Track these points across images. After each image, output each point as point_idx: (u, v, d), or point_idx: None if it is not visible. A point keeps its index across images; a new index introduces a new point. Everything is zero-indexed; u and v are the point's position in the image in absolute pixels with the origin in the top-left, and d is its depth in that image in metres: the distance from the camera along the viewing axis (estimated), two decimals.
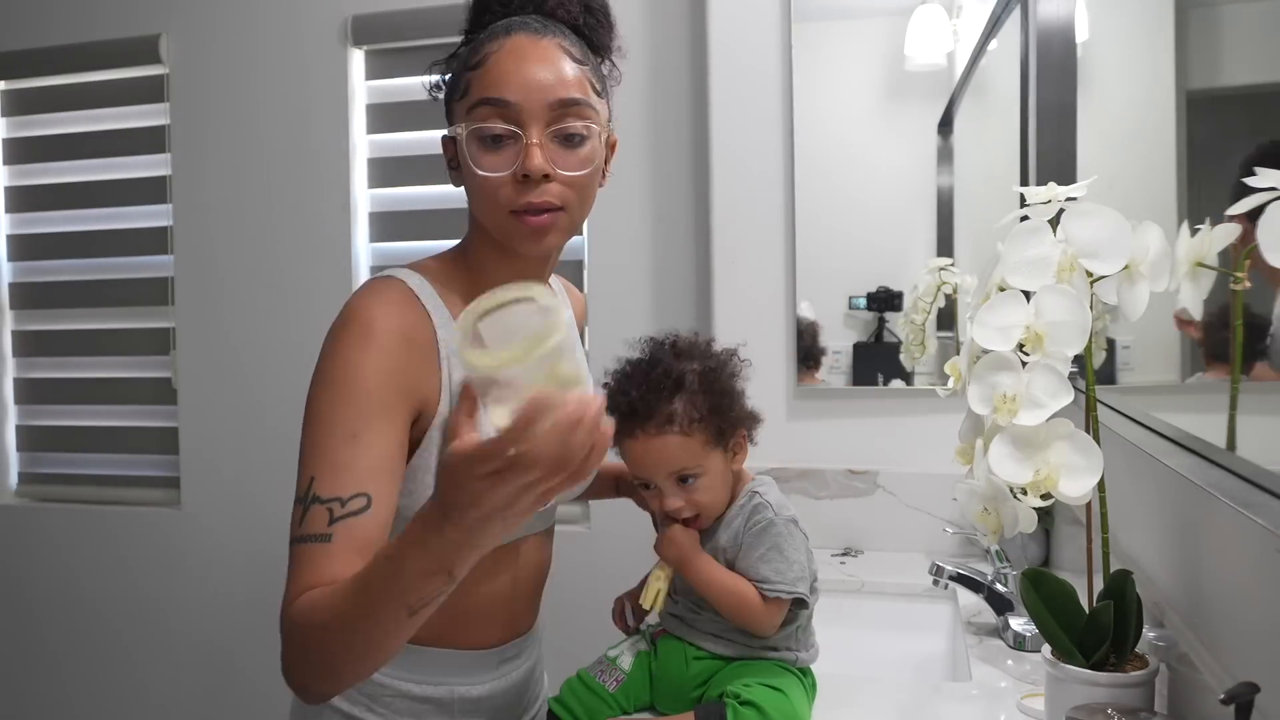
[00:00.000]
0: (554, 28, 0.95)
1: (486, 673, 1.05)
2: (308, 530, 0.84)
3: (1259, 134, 0.91)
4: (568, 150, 0.92)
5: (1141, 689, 0.86)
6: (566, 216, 0.94)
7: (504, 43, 0.93)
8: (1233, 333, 0.79)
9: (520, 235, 0.93)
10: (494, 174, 0.92)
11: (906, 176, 1.92)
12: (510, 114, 0.91)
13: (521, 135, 0.91)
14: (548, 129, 0.92)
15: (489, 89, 0.91)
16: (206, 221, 2.43)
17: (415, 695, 1.01)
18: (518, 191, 0.91)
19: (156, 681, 2.54)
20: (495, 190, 0.92)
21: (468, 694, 1.03)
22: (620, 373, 1.06)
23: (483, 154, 0.92)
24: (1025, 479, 0.84)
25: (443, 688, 1.02)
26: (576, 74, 0.93)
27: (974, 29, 1.88)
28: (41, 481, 2.64)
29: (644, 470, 1.04)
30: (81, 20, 2.49)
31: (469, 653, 1.03)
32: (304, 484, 0.85)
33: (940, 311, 1.89)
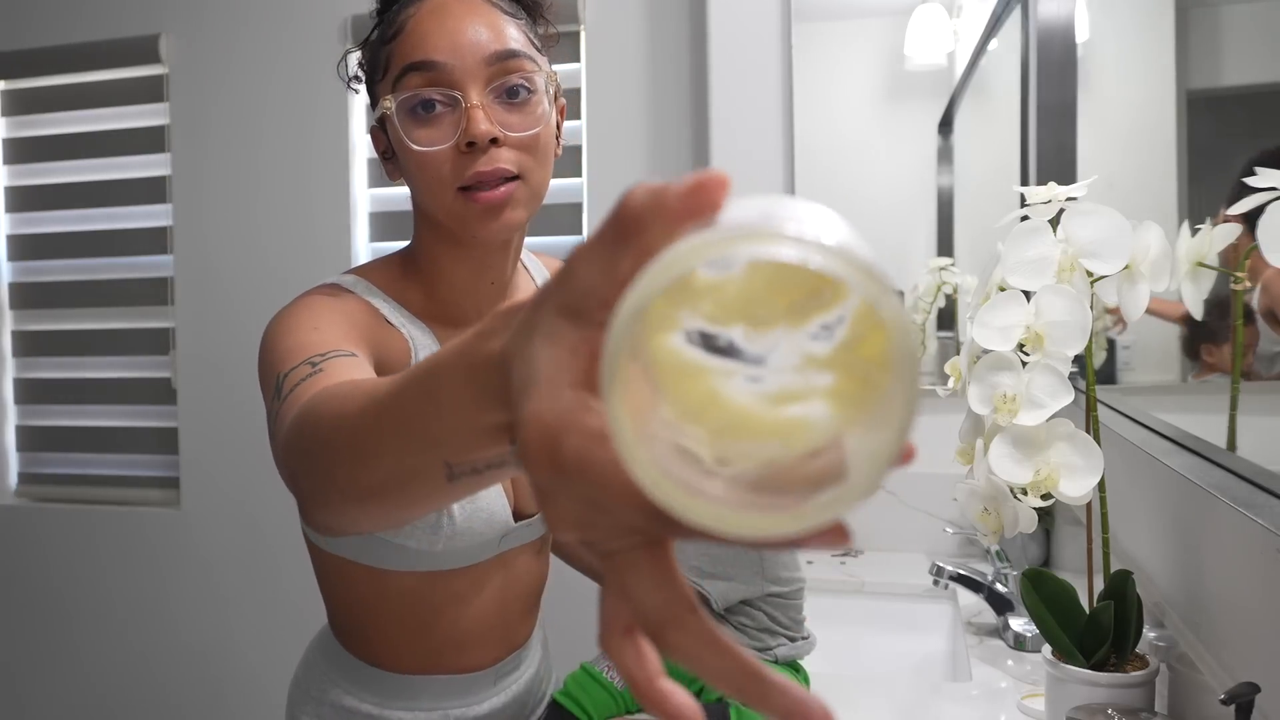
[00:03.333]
0: None
1: (484, 692, 0.98)
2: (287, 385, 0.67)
3: (1259, 134, 0.91)
4: (514, 109, 0.80)
5: (1141, 689, 0.86)
6: (524, 186, 0.81)
7: (422, 4, 0.80)
8: (1233, 333, 0.79)
9: (474, 216, 0.79)
10: (432, 148, 0.78)
11: (906, 176, 1.92)
12: (442, 77, 0.78)
13: (460, 99, 0.78)
14: (487, 88, 0.79)
15: (414, 53, 0.78)
16: (206, 221, 2.43)
17: None
18: (463, 164, 0.78)
19: (156, 681, 2.54)
20: (437, 167, 0.79)
21: (465, 715, 0.96)
22: None
23: (416, 128, 0.79)
24: (1025, 479, 0.84)
25: (437, 712, 0.95)
26: (512, 26, 0.82)
27: (974, 29, 1.88)
28: (41, 481, 2.64)
29: None
30: (81, 20, 2.49)
31: (465, 676, 0.96)
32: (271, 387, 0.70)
33: (940, 311, 1.89)
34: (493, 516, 0.87)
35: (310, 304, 0.81)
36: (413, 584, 0.88)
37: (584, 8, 2.12)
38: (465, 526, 0.84)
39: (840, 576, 1.69)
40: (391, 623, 0.91)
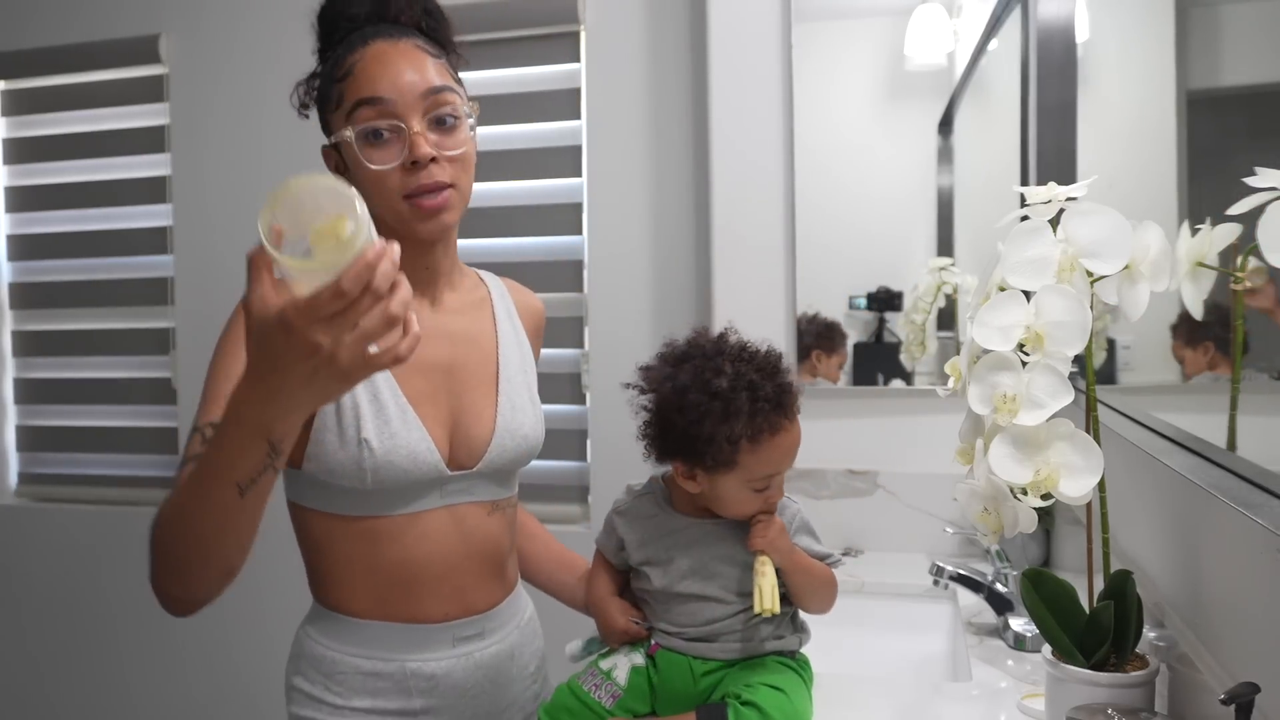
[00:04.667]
0: (404, 31, 1.04)
1: (440, 650, 1.06)
2: (188, 453, 0.94)
3: (1259, 134, 0.91)
4: (444, 133, 1.02)
5: (1141, 689, 0.86)
6: (456, 192, 1.02)
7: (365, 51, 1.01)
8: (1233, 332, 0.79)
9: (419, 217, 1.01)
10: (384, 166, 0.99)
11: (906, 176, 1.92)
12: (388, 109, 0.99)
13: (403, 127, 0.99)
14: (424, 117, 1.00)
15: (363, 91, 1.00)
16: (206, 221, 2.43)
17: (366, 670, 1.05)
18: (409, 179, 0.99)
19: (156, 681, 2.54)
20: (388, 182, 0.99)
21: (421, 669, 1.05)
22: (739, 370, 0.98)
23: (371, 150, 1.00)
24: (1025, 479, 0.84)
25: (394, 663, 1.05)
26: (436, 65, 1.03)
27: (974, 29, 1.88)
28: (41, 481, 2.64)
29: (785, 462, 1.01)
30: (81, 20, 2.49)
31: (416, 626, 1.05)
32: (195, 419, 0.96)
33: (940, 311, 1.89)
34: (414, 454, 1.01)
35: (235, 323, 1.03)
36: (362, 527, 1.03)
37: (584, 8, 2.12)
38: (385, 460, 1.00)
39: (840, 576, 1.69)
40: (343, 563, 1.05)
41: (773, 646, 1.05)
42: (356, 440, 0.99)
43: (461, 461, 1.06)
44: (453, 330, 1.09)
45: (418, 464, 1.02)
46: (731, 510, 1.03)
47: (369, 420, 1.00)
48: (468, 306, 1.13)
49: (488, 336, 1.14)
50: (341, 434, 1.00)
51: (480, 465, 1.07)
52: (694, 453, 0.99)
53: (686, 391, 0.98)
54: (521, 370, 1.15)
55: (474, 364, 1.10)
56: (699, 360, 1.00)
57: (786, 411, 0.99)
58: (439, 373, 1.07)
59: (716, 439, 0.96)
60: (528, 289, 1.25)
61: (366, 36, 1.02)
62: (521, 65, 2.20)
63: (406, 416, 1.02)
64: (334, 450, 1.00)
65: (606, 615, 1.09)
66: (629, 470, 1.28)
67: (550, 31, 2.17)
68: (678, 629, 1.05)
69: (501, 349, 1.14)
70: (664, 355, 1.03)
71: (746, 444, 0.97)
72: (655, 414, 1.02)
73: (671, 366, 1.01)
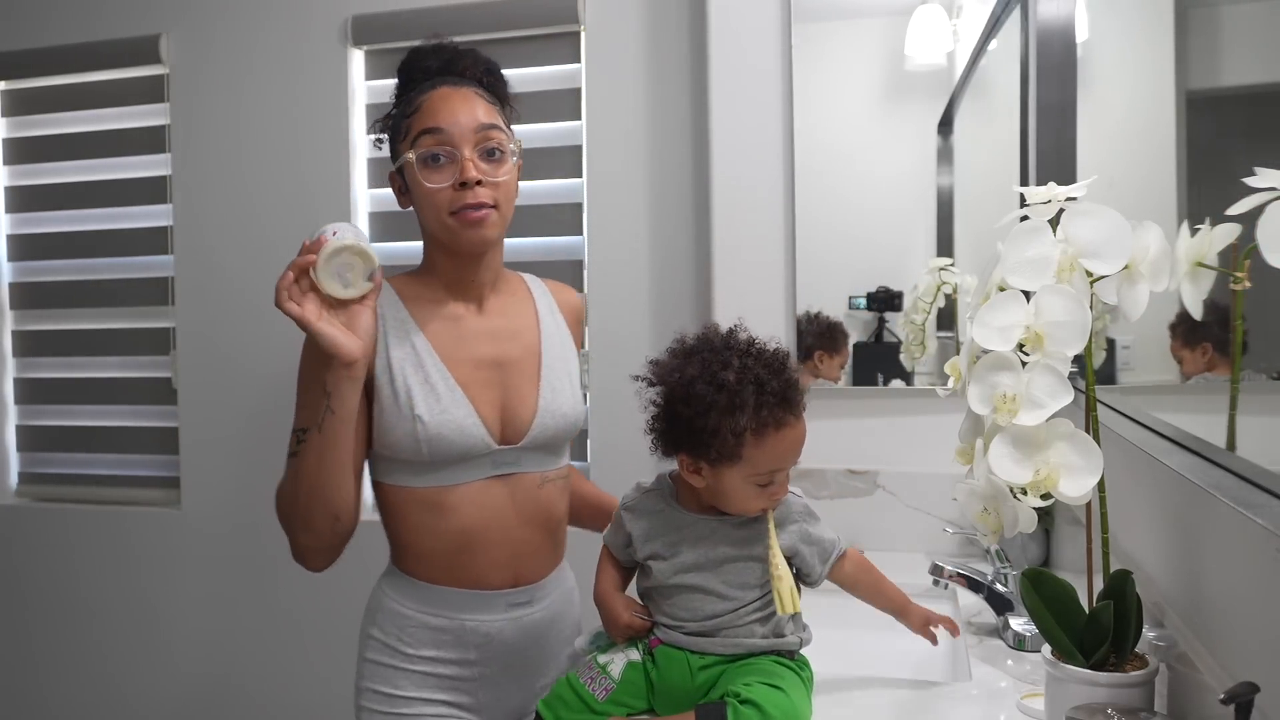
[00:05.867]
0: (467, 81, 1.25)
1: (496, 613, 1.24)
2: (289, 450, 1.21)
3: (1259, 134, 0.91)
4: (491, 163, 1.21)
5: (1141, 689, 0.86)
6: (497, 213, 1.22)
7: (432, 93, 1.23)
8: (1233, 332, 0.79)
9: (463, 229, 1.20)
10: (439, 186, 1.19)
11: (906, 176, 1.92)
12: (445, 138, 1.19)
13: (457, 154, 1.19)
14: (475, 148, 1.20)
15: (426, 122, 1.20)
16: (206, 221, 2.43)
17: (433, 626, 1.24)
18: (458, 197, 1.19)
19: (156, 681, 2.54)
20: (440, 198, 1.19)
21: (478, 628, 1.24)
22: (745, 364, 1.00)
23: (429, 173, 1.20)
24: (1025, 479, 0.84)
25: (455, 621, 1.24)
26: (487, 108, 1.24)
27: (974, 29, 1.88)
28: (41, 481, 2.64)
29: (789, 458, 1.02)
30: (82, 20, 2.49)
31: (475, 592, 1.24)
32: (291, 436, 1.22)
33: (940, 311, 1.89)
34: (462, 427, 1.19)
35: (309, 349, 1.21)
36: (427, 496, 1.23)
37: (584, 8, 2.12)
38: (436, 432, 1.19)
39: None
40: (412, 531, 1.25)
41: (773, 644, 1.05)
42: (411, 416, 1.18)
43: (510, 438, 1.24)
44: (497, 330, 1.28)
45: (465, 436, 1.20)
46: (735, 505, 1.04)
47: (420, 399, 1.19)
48: (511, 307, 1.31)
49: (531, 330, 1.31)
50: (399, 412, 1.19)
51: (525, 440, 1.24)
52: (699, 445, 1.00)
53: (694, 383, 0.99)
54: (562, 358, 1.31)
55: (519, 356, 1.27)
56: (707, 354, 1.01)
57: (792, 407, 1.01)
58: (488, 367, 1.25)
59: (721, 431, 0.98)
60: (566, 285, 1.42)
61: (435, 83, 1.23)
62: (521, 65, 2.20)
63: (455, 395, 1.20)
64: (393, 427, 1.19)
65: (612, 610, 1.11)
66: (629, 469, 1.28)
67: (550, 31, 2.17)
68: (678, 622, 1.06)
69: (544, 340, 1.30)
70: (673, 349, 1.05)
71: (751, 437, 0.98)
72: (663, 406, 1.04)
73: (680, 360, 1.03)
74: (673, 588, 1.06)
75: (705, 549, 1.05)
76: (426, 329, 1.24)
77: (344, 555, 2.51)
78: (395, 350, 1.21)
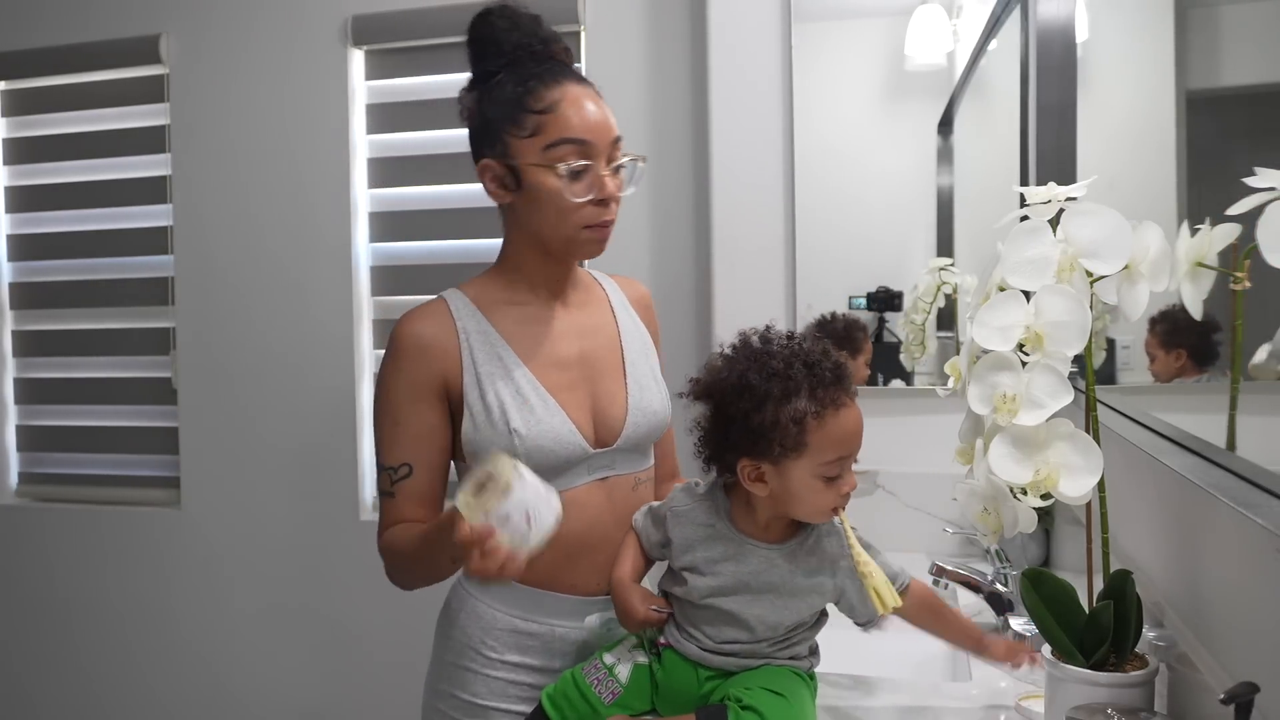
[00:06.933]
0: (586, 82, 1.19)
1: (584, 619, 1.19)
2: (380, 489, 1.20)
3: (1259, 134, 0.91)
4: (617, 178, 1.18)
5: (1141, 689, 0.86)
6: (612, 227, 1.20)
7: (562, 90, 1.15)
8: (1233, 332, 0.79)
9: (589, 244, 1.18)
10: (578, 199, 1.14)
11: (906, 176, 1.93)
12: (589, 152, 1.14)
13: (594, 168, 1.15)
14: (608, 163, 1.16)
15: (567, 131, 1.13)
16: (206, 221, 2.43)
17: (521, 630, 1.19)
18: (595, 213, 1.15)
19: (156, 681, 2.54)
20: (575, 211, 1.14)
21: (567, 635, 1.19)
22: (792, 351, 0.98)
23: (570, 184, 1.13)
24: (1025, 479, 0.84)
25: (545, 626, 1.19)
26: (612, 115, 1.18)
27: (974, 29, 1.88)
28: (41, 481, 2.64)
29: (852, 443, 0.97)
30: (82, 20, 2.49)
31: (572, 598, 1.19)
32: (377, 458, 1.21)
33: (940, 311, 1.89)
34: (558, 436, 1.15)
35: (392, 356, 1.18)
36: None
37: (584, 8, 2.12)
38: (535, 445, 1.14)
39: None
40: None
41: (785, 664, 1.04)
42: (507, 432, 1.14)
43: (604, 440, 1.20)
44: (581, 325, 1.24)
45: (562, 444, 1.16)
46: (806, 507, 0.99)
47: (514, 413, 1.15)
48: (589, 304, 1.28)
49: (609, 327, 1.27)
50: (493, 429, 1.15)
51: (620, 441, 1.20)
52: (760, 443, 0.96)
53: (745, 376, 0.97)
54: (643, 354, 1.28)
55: (602, 353, 1.24)
56: (750, 354, 0.99)
57: (846, 388, 0.97)
58: (574, 365, 1.21)
59: (782, 421, 0.94)
60: (633, 280, 1.38)
61: (556, 75, 1.16)
62: None
63: (548, 405, 1.17)
64: (489, 442, 1.15)
65: (628, 601, 1.08)
66: None
67: None
68: (695, 637, 1.04)
69: (623, 337, 1.27)
70: (711, 363, 1.02)
71: (813, 421, 0.94)
72: (714, 414, 1.00)
73: (724, 365, 1.00)
74: (703, 607, 1.03)
75: (746, 577, 1.01)
76: (510, 338, 1.19)
77: (344, 556, 2.51)
78: (483, 366, 1.17)
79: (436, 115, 2.26)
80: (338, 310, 2.33)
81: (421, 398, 1.17)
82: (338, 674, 2.39)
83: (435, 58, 2.25)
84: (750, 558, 1.02)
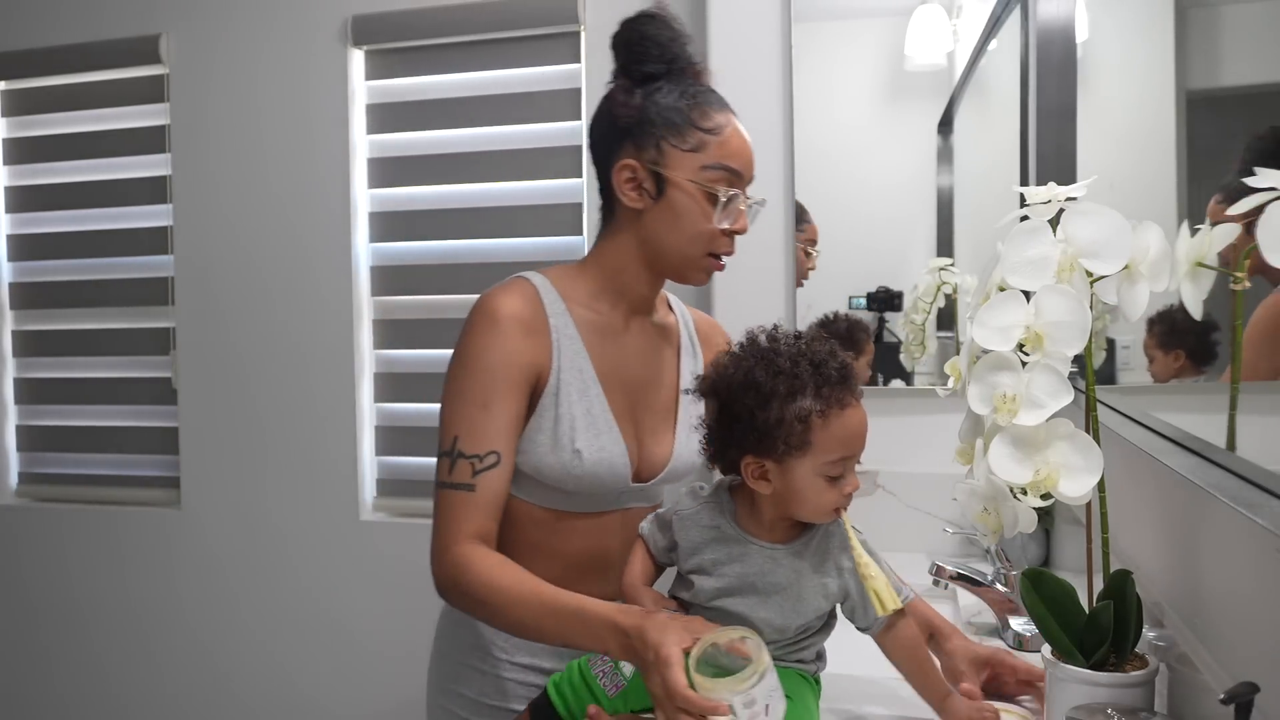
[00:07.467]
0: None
1: None
2: (457, 479, 1.08)
3: (1259, 134, 0.91)
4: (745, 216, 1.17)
5: (1141, 689, 0.86)
6: None
7: (727, 118, 1.16)
8: (1232, 332, 0.79)
9: (703, 272, 1.17)
10: (720, 225, 1.13)
11: (906, 176, 1.93)
12: (737, 183, 1.14)
13: (739, 199, 1.15)
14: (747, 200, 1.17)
15: (728, 158, 1.14)
16: (206, 221, 2.43)
17: None
18: (724, 243, 1.15)
19: (157, 681, 2.54)
20: (710, 237, 1.14)
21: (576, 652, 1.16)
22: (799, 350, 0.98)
23: (718, 210, 1.12)
24: (1025, 479, 0.84)
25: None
26: None
27: (974, 29, 1.88)
28: (41, 481, 2.64)
29: (856, 444, 0.98)
30: (82, 20, 2.49)
31: None
32: (448, 441, 1.09)
33: (940, 311, 1.89)
34: (614, 468, 1.13)
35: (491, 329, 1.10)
36: (545, 517, 1.16)
37: (584, 8, 2.12)
38: (591, 471, 1.12)
39: None
40: (528, 547, 1.15)
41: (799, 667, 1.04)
42: (570, 450, 1.11)
43: (642, 475, 1.19)
44: (647, 352, 1.22)
45: (615, 475, 1.15)
46: (809, 506, 0.99)
47: (581, 431, 1.12)
48: (661, 331, 1.26)
49: (672, 361, 1.25)
50: (556, 441, 1.11)
51: (655, 480, 1.20)
52: (764, 440, 0.96)
53: (751, 373, 0.97)
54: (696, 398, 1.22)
55: (659, 384, 1.22)
56: (757, 352, 0.99)
57: (851, 388, 0.98)
58: (633, 388, 1.19)
59: (786, 419, 0.95)
60: (717, 324, 1.36)
61: (720, 100, 1.17)
62: (521, 65, 2.20)
63: (612, 431, 1.15)
64: (546, 453, 1.11)
65: (639, 602, 1.06)
66: None
67: (550, 31, 2.17)
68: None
69: (682, 375, 1.25)
70: (718, 361, 1.02)
71: (817, 419, 0.95)
72: (720, 411, 1.00)
73: (731, 363, 1.00)
74: (711, 610, 1.02)
75: (751, 578, 1.01)
76: (591, 349, 1.16)
77: (344, 556, 2.50)
78: (566, 372, 1.13)
79: (436, 115, 2.26)
80: (338, 310, 2.33)
81: (516, 384, 1.10)
82: (337, 674, 2.39)
83: (435, 58, 2.25)
84: (755, 558, 1.01)
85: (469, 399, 1.09)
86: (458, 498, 1.07)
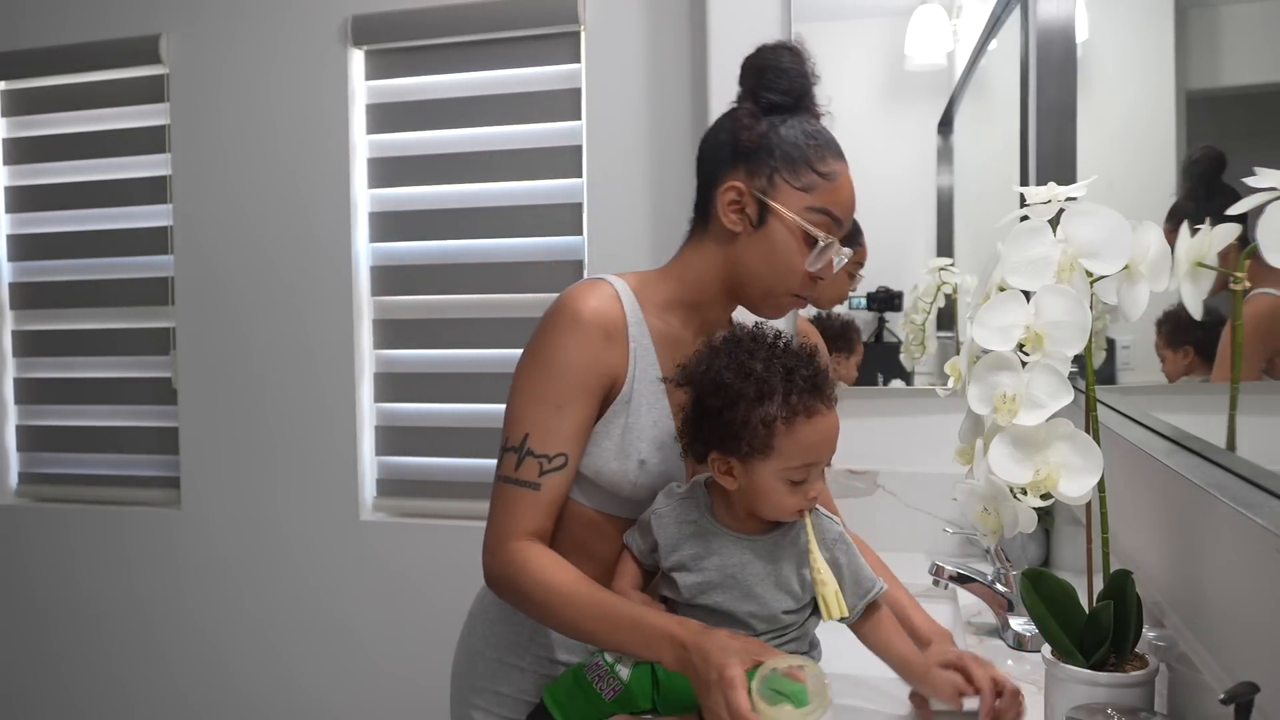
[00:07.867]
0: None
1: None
2: (523, 476, 1.07)
3: (1259, 134, 0.91)
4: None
5: (1141, 689, 0.86)
6: None
7: (841, 166, 1.14)
8: (1232, 332, 0.79)
9: (780, 309, 1.16)
10: (810, 267, 1.12)
11: (906, 176, 1.92)
12: (836, 232, 1.12)
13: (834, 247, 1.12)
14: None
15: (835, 206, 1.12)
16: (206, 221, 2.43)
17: None
18: (809, 285, 1.13)
19: (156, 681, 2.54)
20: (797, 274, 1.12)
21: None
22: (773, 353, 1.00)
23: (809, 250, 1.11)
24: (1025, 479, 0.84)
25: None
26: None
27: (974, 29, 1.88)
28: (41, 481, 2.64)
29: (823, 451, 0.99)
30: (82, 20, 2.49)
31: None
32: (518, 437, 1.08)
33: (940, 311, 1.89)
34: (671, 477, 1.12)
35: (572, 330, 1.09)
36: (594, 518, 1.14)
37: (584, 8, 2.12)
38: (650, 482, 1.11)
39: None
40: (568, 543, 1.13)
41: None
42: (636, 459, 1.10)
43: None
44: None
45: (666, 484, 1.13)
46: (770, 506, 1.00)
47: (649, 444, 1.11)
48: None
49: None
50: (622, 449, 1.11)
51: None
52: (730, 440, 0.97)
53: (721, 374, 0.98)
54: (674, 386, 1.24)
55: None
56: (734, 348, 1.00)
57: (823, 396, 0.99)
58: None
59: (751, 422, 0.95)
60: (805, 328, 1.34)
61: (838, 148, 1.15)
62: (521, 65, 2.20)
63: (676, 448, 1.13)
64: (610, 459, 1.10)
65: None
66: None
67: (550, 31, 2.17)
68: None
69: None
70: (699, 350, 1.03)
71: (781, 426, 0.96)
72: (692, 404, 1.01)
73: (707, 356, 1.01)
74: (697, 608, 1.04)
75: (732, 569, 1.02)
76: (661, 361, 1.14)
77: (344, 556, 2.51)
78: (640, 382, 1.12)
79: (436, 115, 2.26)
80: (338, 310, 2.33)
81: (591, 391, 1.09)
82: (337, 674, 2.39)
83: (435, 58, 2.25)
84: (732, 550, 1.03)
85: (543, 398, 1.08)
86: (521, 494, 1.07)
